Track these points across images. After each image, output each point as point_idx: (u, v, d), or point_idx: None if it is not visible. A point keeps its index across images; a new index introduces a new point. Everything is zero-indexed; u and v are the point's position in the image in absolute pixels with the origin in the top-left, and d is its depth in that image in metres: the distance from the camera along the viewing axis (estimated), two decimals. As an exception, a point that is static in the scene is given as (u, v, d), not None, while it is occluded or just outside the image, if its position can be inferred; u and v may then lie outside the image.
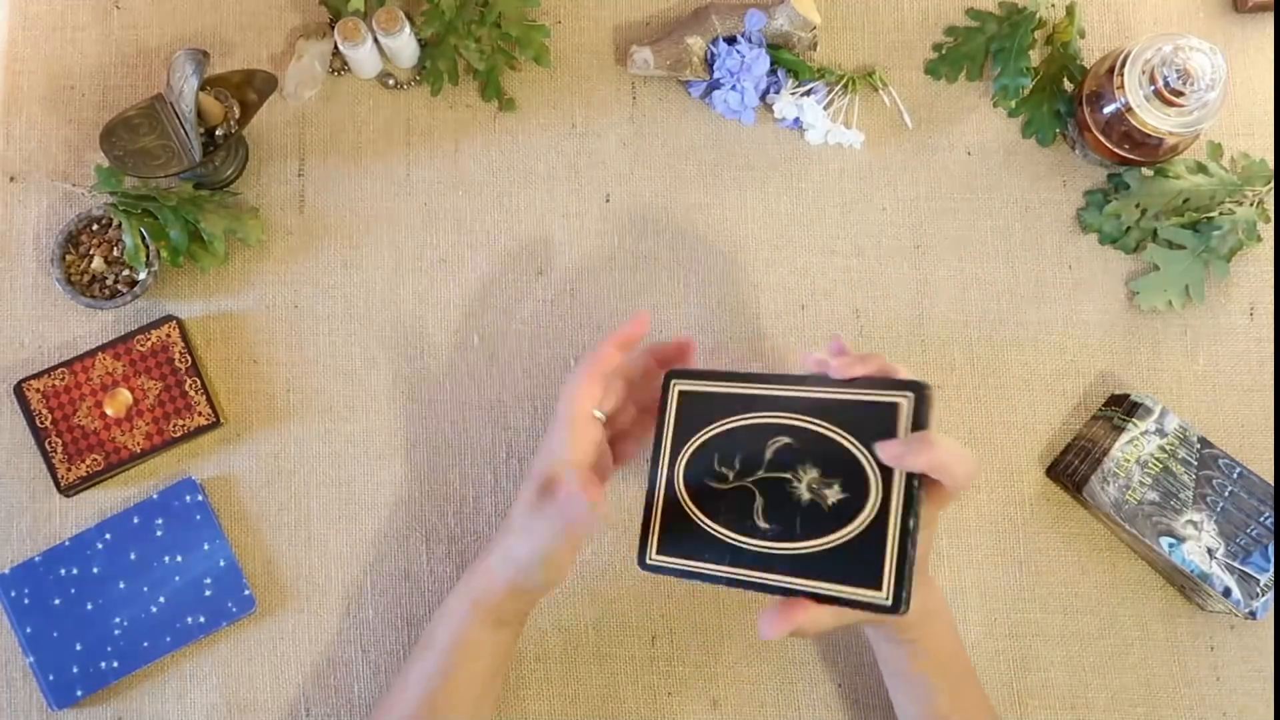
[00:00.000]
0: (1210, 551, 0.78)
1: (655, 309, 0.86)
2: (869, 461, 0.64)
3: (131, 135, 0.80)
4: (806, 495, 0.66)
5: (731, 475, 0.69)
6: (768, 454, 0.68)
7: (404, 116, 0.88)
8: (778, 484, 0.67)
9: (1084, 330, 0.86)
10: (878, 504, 0.64)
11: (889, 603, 0.62)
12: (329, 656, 0.83)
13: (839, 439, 0.66)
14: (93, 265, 0.83)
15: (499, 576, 0.72)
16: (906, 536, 0.62)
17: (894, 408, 0.64)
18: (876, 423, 0.64)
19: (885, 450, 0.62)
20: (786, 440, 0.68)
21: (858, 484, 0.64)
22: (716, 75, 0.86)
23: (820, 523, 0.65)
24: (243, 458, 0.85)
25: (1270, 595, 0.78)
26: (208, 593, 0.82)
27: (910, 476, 0.63)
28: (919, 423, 0.63)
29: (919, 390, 0.63)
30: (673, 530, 0.70)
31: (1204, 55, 0.78)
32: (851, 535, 0.64)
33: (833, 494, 0.65)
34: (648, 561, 0.70)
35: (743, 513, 0.68)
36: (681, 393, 0.72)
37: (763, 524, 0.67)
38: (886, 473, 0.64)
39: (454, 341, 0.86)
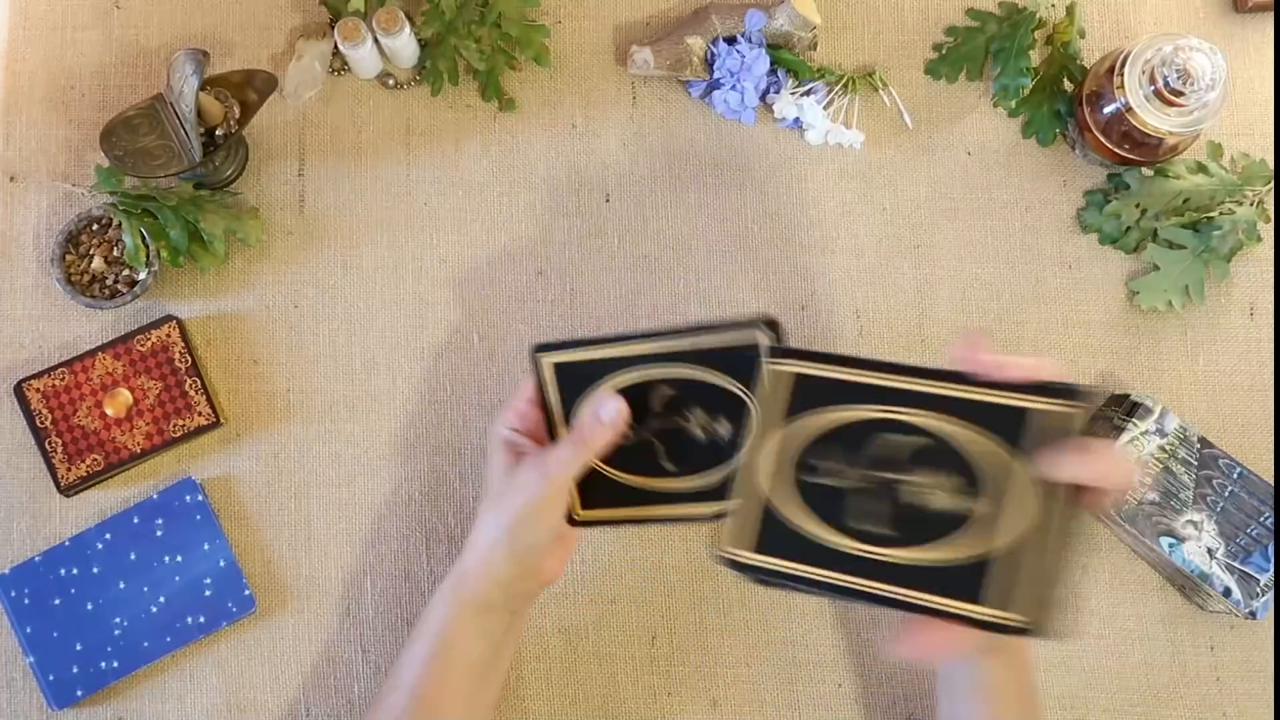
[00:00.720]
0: (1210, 551, 0.78)
1: (655, 309, 0.86)
2: (1015, 470, 0.58)
3: (131, 135, 0.80)
4: (930, 501, 0.60)
5: (841, 471, 0.62)
6: (885, 451, 0.62)
7: (404, 116, 0.88)
8: (893, 485, 0.61)
9: (1084, 330, 0.86)
10: (1022, 516, 0.58)
11: (1001, 621, 0.56)
12: (329, 656, 0.83)
13: (978, 443, 0.59)
14: (93, 265, 0.83)
15: (471, 560, 0.72)
16: (1062, 552, 0.56)
17: (1026, 414, 0.58)
18: (1012, 427, 0.58)
19: (1051, 461, 0.56)
20: (908, 438, 0.61)
21: (997, 493, 0.58)
22: (716, 75, 0.86)
23: (936, 532, 0.59)
24: (243, 458, 0.85)
25: (1270, 595, 0.78)
26: (208, 593, 0.82)
27: (1068, 488, 0.57)
28: (1076, 431, 0.57)
29: (1082, 396, 0.57)
30: (764, 526, 0.63)
31: (1204, 55, 0.78)
32: (974, 551, 0.58)
33: (958, 503, 0.59)
34: (727, 555, 0.64)
35: (847, 512, 0.62)
36: (779, 374, 0.65)
37: (870, 528, 0.61)
38: (1034, 483, 0.57)
39: (454, 341, 0.86)
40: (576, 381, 0.73)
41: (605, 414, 0.70)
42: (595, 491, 0.73)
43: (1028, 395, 0.58)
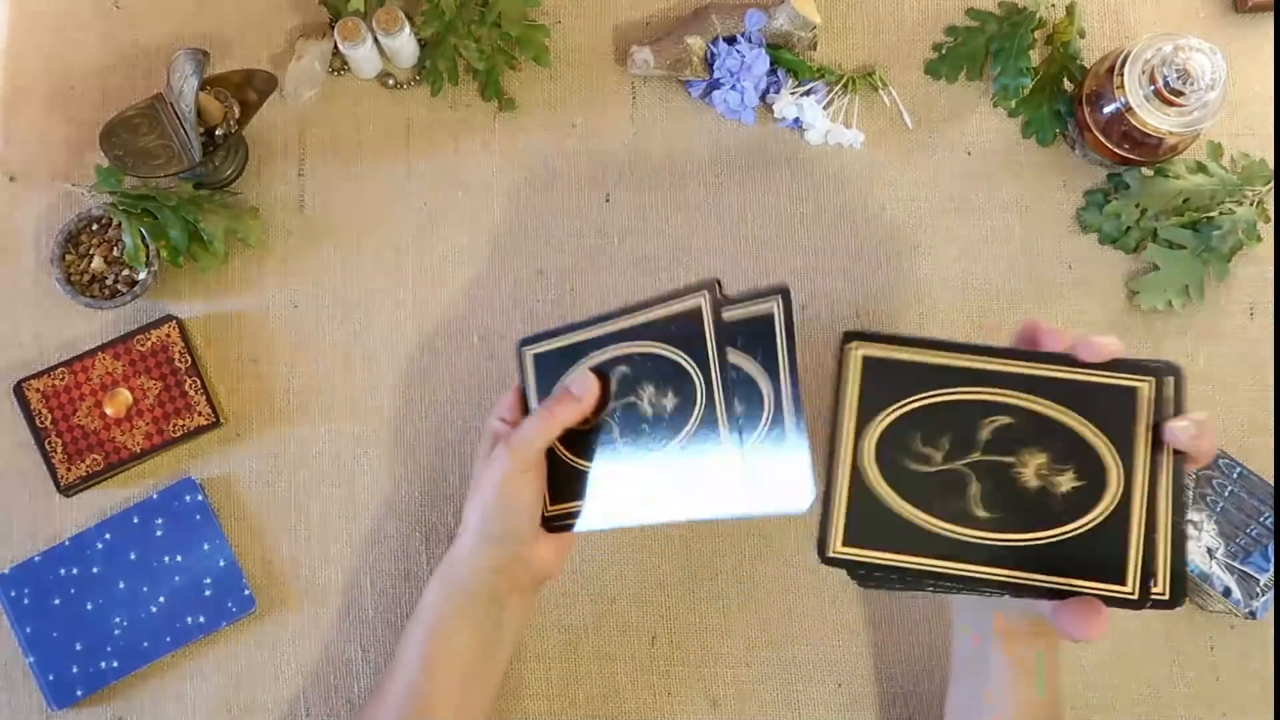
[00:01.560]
0: (1210, 551, 0.78)
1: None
2: (1109, 447, 0.60)
3: (131, 135, 0.80)
4: (1034, 482, 0.60)
5: (939, 456, 0.61)
6: (983, 434, 0.61)
7: (404, 116, 0.88)
8: (996, 468, 0.61)
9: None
10: (1120, 491, 0.60)
11: (1134, 595, 0.59)
12: (329, 656, 0.83)
13: (1069, 422, 0.60)
14: (93, 265, 0.83)
15: (456, 548, 0.73)
16: (1179, 521, 0.59)
17: (1135, 392, 0.60)
18: (1118, 406, 0.60)
19: (1177, 432, 0.58)
20: (1006, 420, 0.61)
21: (1096, 471, 0.60)
22: (716, 75, 0.86)
23: (1049, 512, 0.60)
24: (243, 458, 0.85)
25: (1270, 595, 0.78)
26: (208, 593, 0.82)
27: (1175, 459, 0.59)
28: (1180, 407, 0.60)
29: (1174, 373, 0.60)
30: (863, 517, 0.61)
31: (1204, 55, 0.78)
32: (1092, 525, 0.60)
33: (1066, 481, 0.60)
34: (830, 554, 0.61)
35: (954, 499, 0.61)
36: (866, 359, 0.62)
37: (979, 512, 0.60)
38: (1129, 458, 0.59)
39: (454, 341, 0.86)
40: (553, 369, 0.75)
41: (576, 387, 0.71)
42: (564, 484, 0.73)
43: (1117, 374, 0.60)
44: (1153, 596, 0.59)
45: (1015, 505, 0.60)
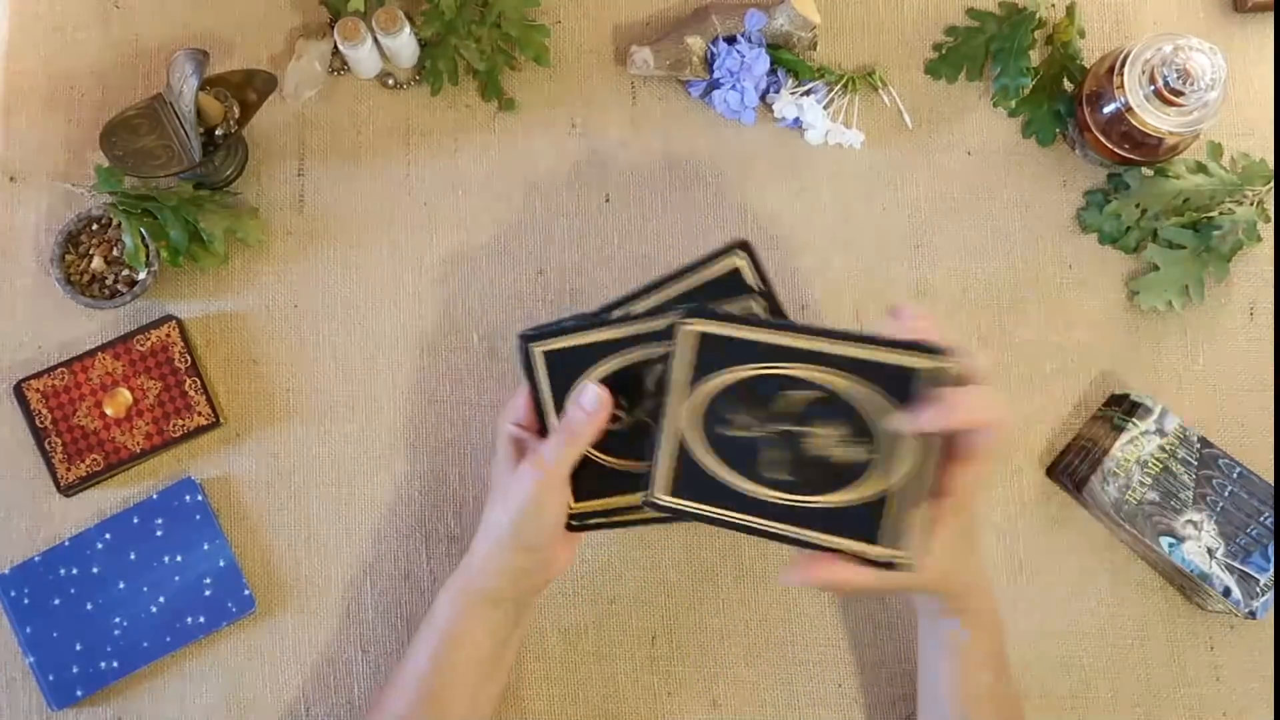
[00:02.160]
0: (1210, 551, 0.78)
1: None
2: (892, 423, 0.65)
3: (131, 135, 0.80)
4: (827, 452, 0.66)
5: (750, 424, 0.68)
6: (788, 407, 0.67)
7: (404, 116, 0.88)
8: (795, 437, 0.67)
9: (1084, 330, 0.86)
10: (896, 465, 0.65)
11: (905, 561, 0.64)
12: (329, 656, 0.83)
13: (868, 396, 0.66)
14: (93, 265, 0.83)
15: (480, 552, 0.72)
16: (914, 496, 0.64)
17: (911, 372, 0.64)
18: (899, 384, 0.65)
19: (915, 414, 0.63)
20: (811, 394, 0.67)
21: (886, 443, 0.65)
22: (716, 75, 0.86)
23: (836, 479, 0.66)
24: (243, 458, 0.85)
25: (1270, 595, 0.78)
26: (207, 593, 0.82)
27: (929, 440, 0.64)
28: (945, 383, 0.63)
29: (933, 352, 0.64)
30: (682, 473, 0.69)
31: (1204, 55, 0.78)
32: (866, 495, 0.65)
33: (853, 453, 0.66)
34: (652, 499, 0.69)
35: (757, 462, 0.68)
36: (700, 334, 0.68)
37: (777, 475, 0.67)
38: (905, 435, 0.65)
39: (454, 341, 0.86)
40: (567, 369, 0.73)
41: (585, 402, 0.71)
42: (587, 481, 0.73)
43: (907, 351, 0.64)
44: (901, 560, 0.65)
45: (809, 471, 0.67)
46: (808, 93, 0.87)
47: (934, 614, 0.72)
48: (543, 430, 0.73)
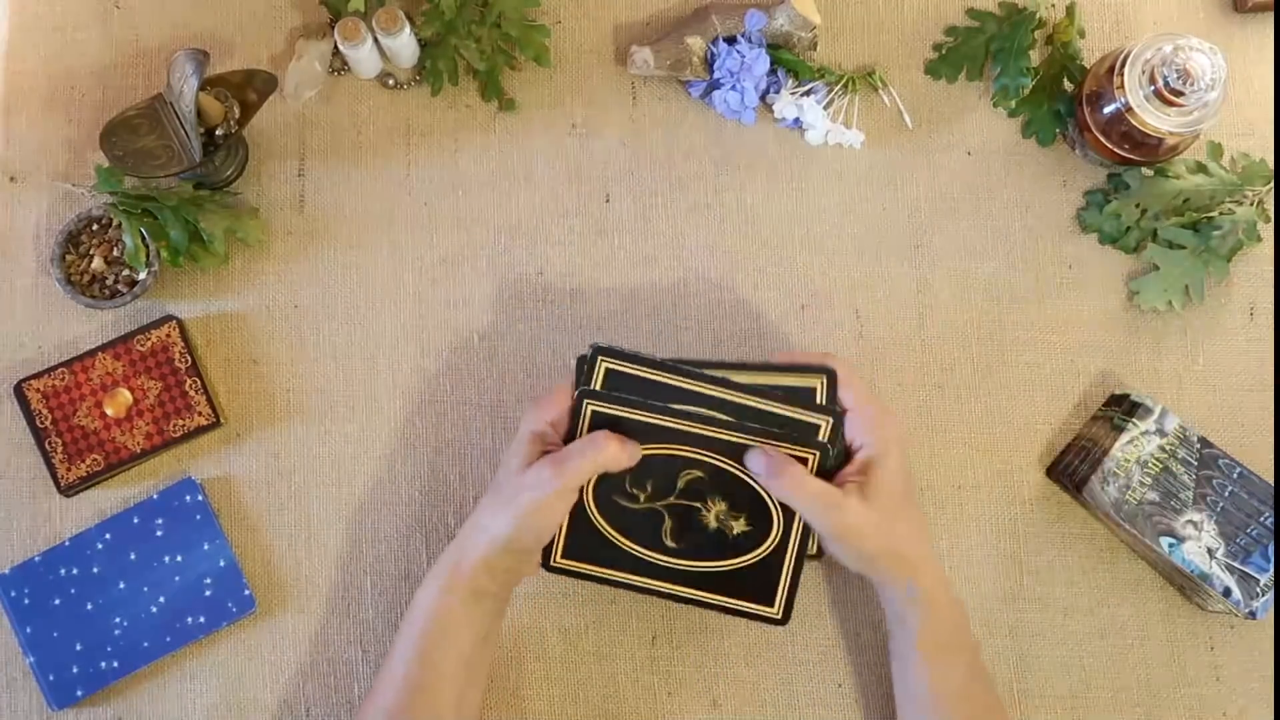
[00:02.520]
0: (1210, 551, 0.78)
1: (655, 309, 0.86)
2: (772, 500, 0.73)
3: (131, 135, 0.80)
4: (714, 524, 0.74)
5: (643, 497, 0.74)
6: (679, 483, 0.74)
7: (404, 116, 0.88)
8: (688, 510, 0.74)
9: (1084, 330, 0.86)
10: (778, 536, 0.74)
11: (779, 617, 0.75)
12: (329, 656, 0.83)
13: (747, 478, 0.72)
14: (93, 265, 0.83)
15: (470, 551, 0.72)
16: (800, 563, 0.74)
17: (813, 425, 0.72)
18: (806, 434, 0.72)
19: (753, 464, 0.71)
20: (699, 474, 0.73)
21: (762, 519, 0.74)
22: (716, 75, 0.86)
23: (724, 548, 0.74)
24: (243, 458, 0.85)
25: (1270, 595, 0.78)
26: (208, 593, 0.82)
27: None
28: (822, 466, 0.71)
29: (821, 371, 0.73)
30: (581, 539, 0.75)
31: (1204, 55, 0.78)
32: (753, 560, 0.74)
33: (738, 525, 0.74)
34: (553, 564, 0.75)
35: (652, 531, 0.75)
36: (595, 413, 0.72)
37: (670, 543, 0.75)
38: (788, 510, 0.73)
39: (454, 341, 0.86)
40: (624, 390, 0.72)
41: (629, 444, 0.72)
42: (582, 543, 0.75)
43: (801, 375, 0.73)
44: (776, 618, 0.75)
45: (698, 540, 0.74)
46: (808, 93, 0.87)
47: (893, 605, 0.75)
48: (568, 439, 0.73)
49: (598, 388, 0.72)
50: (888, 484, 0.72)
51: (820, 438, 0.71)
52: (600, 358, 0.72)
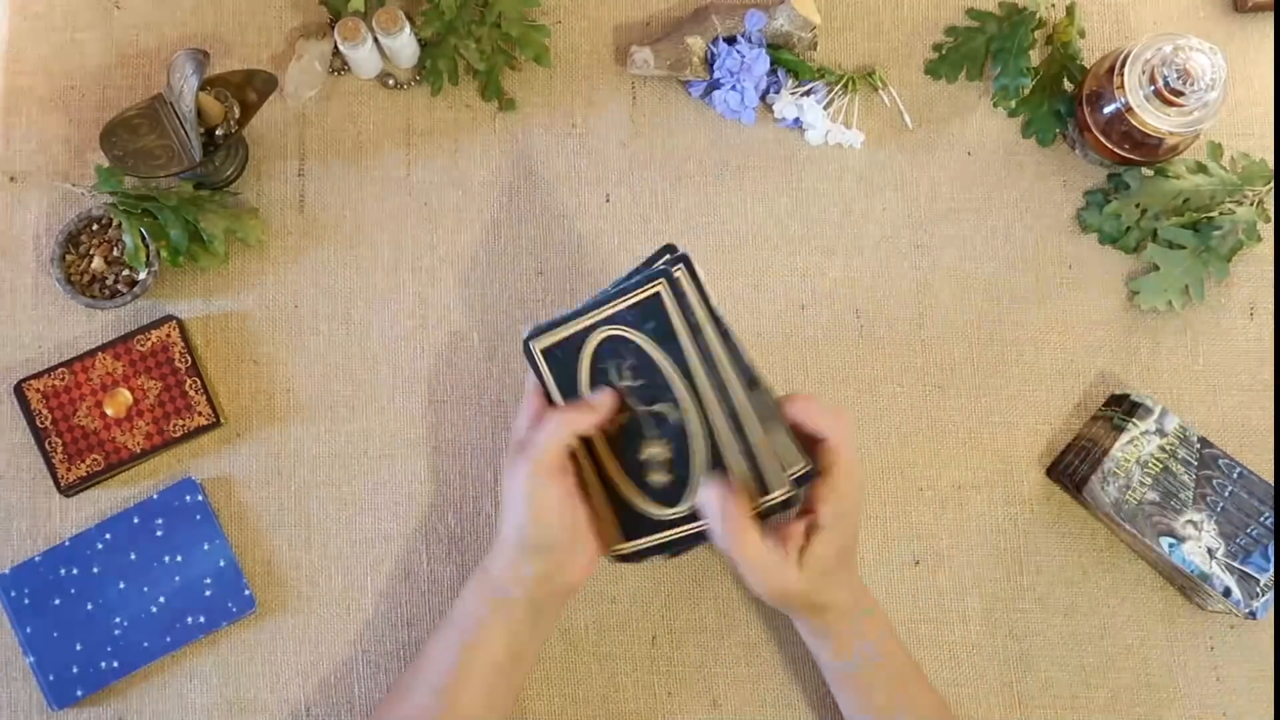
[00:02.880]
0: (1210, 551, 0.78)
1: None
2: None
3: (131, 135, 0.80)
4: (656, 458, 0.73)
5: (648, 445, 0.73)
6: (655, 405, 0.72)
7: (404, 116, 0.88)
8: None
9: (1084, 330, 0.86)
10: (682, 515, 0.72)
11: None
12: (329, 656, 0.83)
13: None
14: (93, 265, 0.83)
15: (496, 554, 0.72)
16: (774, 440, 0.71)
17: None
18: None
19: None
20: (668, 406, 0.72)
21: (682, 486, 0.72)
22: (716, 75, 0.86)
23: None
24: (243, 458, 0.85)
25: (1270, 595, 0.78)
26: (208, 593, 0.82)
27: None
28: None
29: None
30: (627, 517, 0.74)
31: (1204, 55, 0.78)
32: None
33: (660, 477, 0.72)
34: (624, 554, 0.74)
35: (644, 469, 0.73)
36: (543, 350, 0.74)
37: (659, 478, 0.73)
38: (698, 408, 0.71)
39: (454, 341, 0.86)
40: (566, 358, 0.74)
41: (594, 398, 0.72)
42: (628, 521, 0.74)
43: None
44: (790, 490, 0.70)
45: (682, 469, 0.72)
46: (808, 93, 0.87)
47: (808, 635, 0.76)
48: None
49: (542, 367, 0.74)
50: (827, 556, 0.70)
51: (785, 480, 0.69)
52: (530, 343, 0.74)
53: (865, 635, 0.74)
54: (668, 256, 0.72)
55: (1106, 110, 0.82)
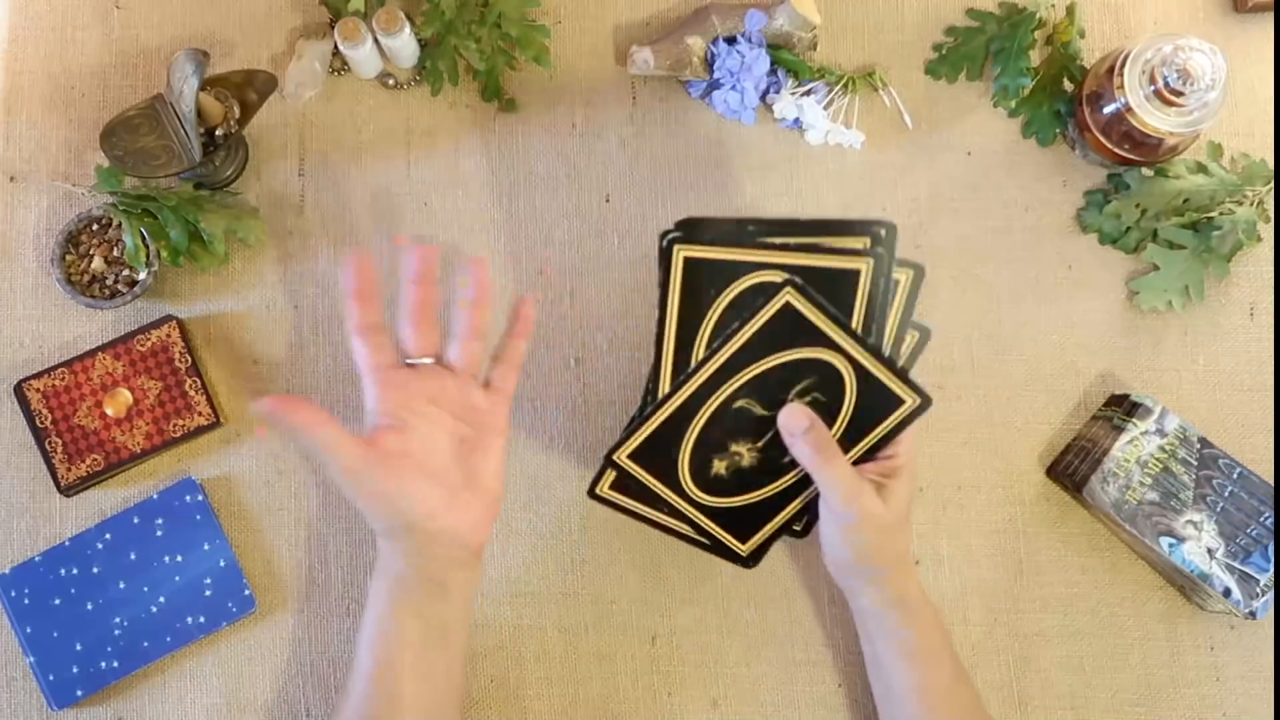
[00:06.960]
0: (1210, 551, 0.78)
1: (655, 309, 0.86)
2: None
3: (131, 135, 0.80)
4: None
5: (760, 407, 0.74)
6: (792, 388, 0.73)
7: (404, 116, 0.88)
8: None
9: (1084, 330, 0.86)
10: (786, 484, 0.76)
11: (745, 555, 0.78)
12: (329, 656, 0.83)
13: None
14: (93, 265, 0.83)
15: (380, 546, 0.71)
16: (785, 523, 0.78)
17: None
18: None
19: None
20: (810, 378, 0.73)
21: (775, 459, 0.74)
22: (716, 75, 0.86)
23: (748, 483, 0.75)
24: (243, 458, 0.85)
25: (1270, 595, 0.78)
26: (208, 593, 0.82)
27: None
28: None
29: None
30: (654, 455, 0.75)
31: (1204, 55, 0.78)
32: (755, 500, 0.76)
33: (749, 457, 0.75)
34: (615, 459, 0.75)
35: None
36: (686, 259, 0.72)
37: (721, 471, 0.75)
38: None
39: (454, 341, 0.86)
40: (701, 285, 0.71)
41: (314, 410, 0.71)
42: (656, 456, 0.75)
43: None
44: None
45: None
46: (808, 93, 0.87)
47: (872, 609, 0.75)
48: (657, 346, 0.74)
49: (676, 279, 0.71)
50: (902, 495, 0.73)
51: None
52: (675, 244, 0.71)
53: (925, 616, 0.75)
54: (882, 233, 0.69)
55: (1106, 110, 0.82)
